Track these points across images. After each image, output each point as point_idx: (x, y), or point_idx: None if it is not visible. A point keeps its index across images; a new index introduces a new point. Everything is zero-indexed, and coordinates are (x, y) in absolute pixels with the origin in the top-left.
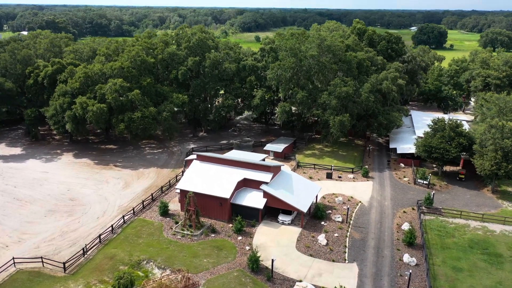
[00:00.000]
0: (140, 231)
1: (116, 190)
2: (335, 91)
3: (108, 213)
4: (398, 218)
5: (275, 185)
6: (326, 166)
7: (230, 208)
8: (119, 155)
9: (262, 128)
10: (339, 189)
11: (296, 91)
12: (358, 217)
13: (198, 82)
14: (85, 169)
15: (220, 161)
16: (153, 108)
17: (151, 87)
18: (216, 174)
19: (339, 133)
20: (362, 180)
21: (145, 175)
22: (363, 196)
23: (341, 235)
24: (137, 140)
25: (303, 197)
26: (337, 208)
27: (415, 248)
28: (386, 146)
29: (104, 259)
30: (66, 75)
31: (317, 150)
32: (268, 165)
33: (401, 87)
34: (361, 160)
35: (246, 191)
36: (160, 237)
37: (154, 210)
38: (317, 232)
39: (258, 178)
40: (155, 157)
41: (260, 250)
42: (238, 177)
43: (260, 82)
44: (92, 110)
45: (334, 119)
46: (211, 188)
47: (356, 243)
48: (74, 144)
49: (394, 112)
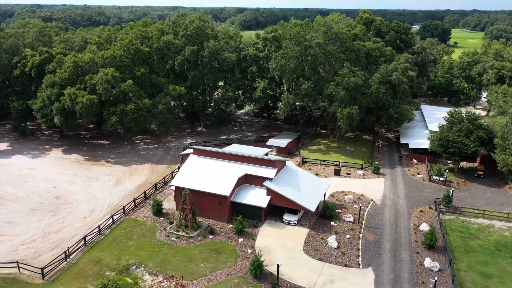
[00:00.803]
0: (130, 232)
1: (106, 187)
2: (343, 81)
3: (96, 212)
4: (415, 218)
5: (280, 181)
6: (334, 162)
7: (230, 206)
8: (112, 151)
9: (264, 123)
10: (348, 186)
11: (301, 82)
12: (370, 216)
13: (196, 73)
14: (74, 165)
15: (219, 155)
16: (148, 100)
17: (146, 78)
18: (214, 169)
19: (347, 127)
20: (373, 177)
21: (139, 172)
22: (374, 194)
23: (353, 236)
24: (131, 135)
25: (311, 194)
26: (347, 207)
27: (436, 251)
28: (396, 142)
29: (88, 264)
30: (55, 65)
31: (323, 146)
32: (272, 160)
33: (412, 79)
34: (370, 156)
35: (248, 188)
36: (153, 239)
37: (147, 209)
38: (327, 233)
39: (261, 174)
40: (150, 153)
41: (264, 253)
42: (238, 173)
43: (262, 73)
44: (81, 101)
45: (342, 111)
46: (209, 185)
47: (370, 246)
48: (64, 139)
49: (405, 105)
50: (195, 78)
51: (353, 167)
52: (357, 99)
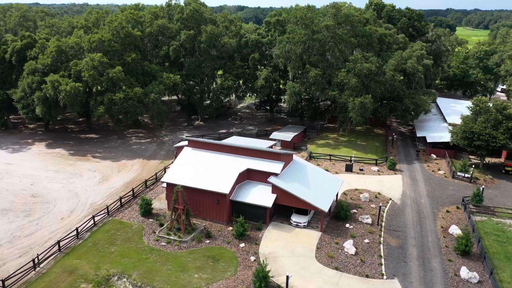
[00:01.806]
0: (113, 235)
1: (91, 184)
2: (354, 68)
3: (76, 212)
4: (442, 220)
5: (287, 177)
6: (345, 157)
7: (230, 206)
8: (100, 145)
9: (266, 116)
10: (362, 183)
11: (308, 69)
12: (390, 218)
13: (192, 60)
14: (56, 161)
15: (217, 147)
16: (139, 89)
17: (137, 65)
18: (212, 163)
19: (359, 118)
20: (389, 174)
21: (128, 168)
22: (392, 193)
23: (373, 241)
24: (123, 129)
25: (323, 192)
26: (363, 206)
27: (472, 258)
28: (410, 136)
29: (61, 274)
30: (37, 51)
31: (331, 140)
32: (277, 153)
33: (428, 67)
34: (384, 151)
35: (250, 185)
36: (139, 244)
37: (134, 209)
38: (342, 237)
39: (266, 168)
40: (142, 147)
41: (270, 261)
42: (239, 168)
43: (265, 60)
44: (65, 90)
45: (354, 101)
46: (205, 181)
47: (393, 252)
48: (49, 133)
49: (421, 95)
50: (191, 65)
51: (366, 162)
52: (370, 87)
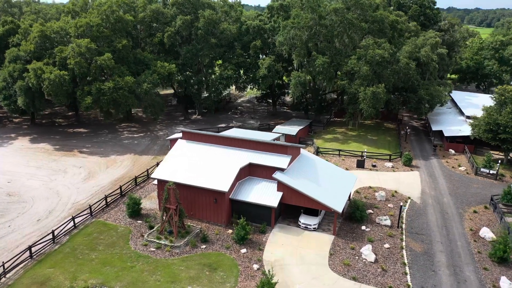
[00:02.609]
0: (95, 240)
1: (75, 182)
2: (366, 54)
3: (55, 213)
4: (469, 221)
5: (295, 173)
6: (355, 152)
7: (229, 206)
8: (89, 140)
9: (268, 110)
10: (376, 181)
11: (315, 56)
12: (411, 219)
13: (189, 48)
14: (39, 156)
15: (215, 140)
16: (130, 78)
17: (129, 52)
18: (209, 157)
19: (371, 110)
20: (405, 170)
21: (117, 164)
22: (411, 191)
23: (394, 246)
24: (113, 122)
25: (335, 190)
26: (379, 206)
27: (510, 266)
28: (423, 130)
29: (31, 286)
30: (20, 37)
31: (339, 134)
32: (284, 145)
33: (443, 57)
34: (397, 146)
35: (253, 182)
36: (124, 250)
37: (121, 210)
38: (358, 241)
39: (270, 163)
40: (134, 142)
41: (276, 270)
42: (240, 162)
43: (267, 49)
44: (48, 78)
45: (365, 90)
46: (202, 178)
47: (419, 259)
48: (35, 127)
49: (436, 86)
50: (188, 53)
51: (379, 158)
52: (383, 76)
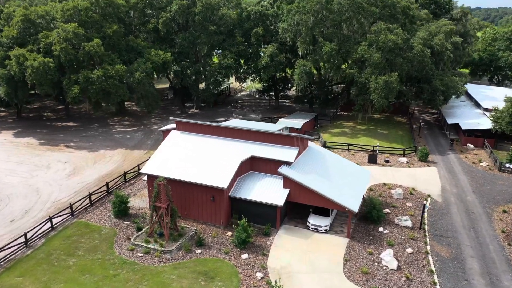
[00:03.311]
0: (75, 243)
1: (58, 178)
2: (377, 40)
3: (32, 212)
4: (499, 222)
5: (303, 167)
6: (366, 147)
7: (229, 205)
8: (77, 134)
9: (270, 104)
10: (390, 177)
11: (322, 43)
12: (434, 219)
13: (186, 35)
14: (22, 151)
15: (213, 130)
16: (121, 66)
17: (120, 39)
18: (206, 150)
19: (383, 101)
20: (421, 166)
21: (106, 159)
22: (430, 188)
23: (418, 250)
24: (105, 115)
25: (348, 187)
26: (396, 205)
27: None
28: (436, 124)
29: None
30: (3, 22)
31: (347, 128)
32: (290, 136)
33: (457, 46)
34: (410, 140)
35: (255, 178)
36: (108, 255)
37: (107, 209)
38: (377, 245)
39: (275, 156)
40: (126, 136)
41: (283, 279)
42: (241, 155)
43: (270, 37)
44: (31, 66)
45: (377, 79)
46: (197, 173)
47: (447, 266)
48: (21, 121)
49: (451, 76)
50: (184, 41)
51: (392, 153)
52: (396, 64)
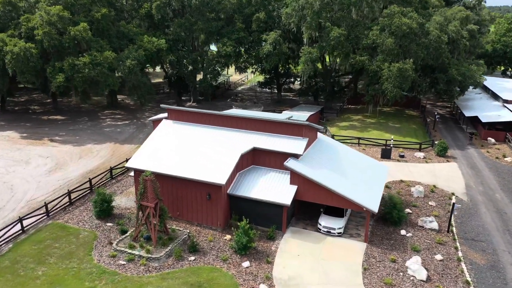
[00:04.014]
0: (47, 249)
1: (37, 174)
2: (390, 24)
3: (3, 212)
4: None
5: (312, 161)
6: (378, 141)
7: (227, 204)
8: (64, 127)
9: (272, 98)
10: (407, 173)
11: (329, 28)
12: (461, 220)
13: (182, 21)
14: (1, 145)
15: (210, 119)
16: (111, 53)
17: (109, 24)
18: (202, 141)
19: (397, 90)
20: (439, 161)
21: (93, 153)
22: (452, 185)
23: (449, 257)
24: (95, 108)
25: (364, 184)
26: (417, 204)
27: None
28: (450, 118)
29: None
30: None
31: (356, 122)
32: (298, 124)
33: (473, 33)
34: (425, 134)
35: (258, 173)
36: (85, 262)
37: (88, 209)
38: (400, 251)
39: (281, 147)
40: (117, 130)
41: None
42: (242, 147)
43: (273, 23)
44: (11, 51)
45: (390, 67)
46: (191, 167)
47: (485, 276)
48: (5, 114)
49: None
50: (180, 27)
51: (407, 147)
52: (410, 51)
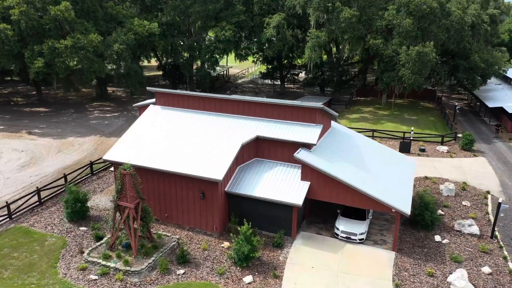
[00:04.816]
0: (4, 259)
1: (7, 169)
2: (408, 3)
3: None
4: None
5: (327, 152)
6: (394, 134)
7: (225, 204)
8: (46, 120)
9: (275, 90)
10: (431, 169)
11: (339, 8)
12: (503, 224)
13: (176, 4)
14: None
15: (205, 104)
16: (96, 36)
17: (96, 4)
18: (194, 130)
19: (415, 77)
20: (466, 156)
21: (75, 147)
22: (485, 183)
23: (498, 269)
24: (83, 99)
25: (391, 181)
26: (449, 204)
27: None
28: (469, 110)
29: None
30: None
31: (367, 114)
32: (311, 108)
33: (494, 19)
34: (445, 127)
35: (262, 167)
36: (47, 277)
37: (60, 209)
38: (436, 261)
39: (290, 136)
40: (104, 123)
41: None
42: (243, 136)
43: (276, 5)
44: None
45: (408, 51)
46: (181, 160)
47: None
48: None
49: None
50: (174, 10)
51: (428, 140)
52: (430, 33)
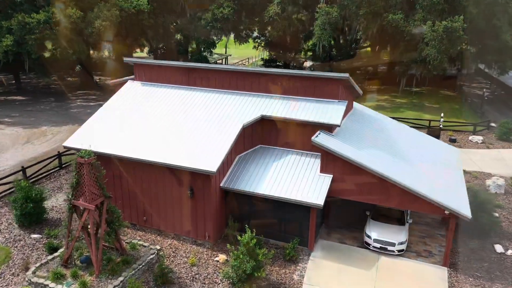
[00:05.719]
0: None
1: None
2: None
3: None
4: None
5: (354, 137)
6: (417, 121)
7: (221, 204)
8: (20, 109)
9: None
10: (468, 162)
11: None
12: None
13: None
14: None
15: (196, 78)
16: (74, 11)
17: None
18: (182, 110)
19: (441, 57)
20: (504, 146)
21: (47, 137)
22: None
23: None
24: (67, 88)
25: (437, 175)
26: (502, 204)
27: None
28: (496, 99)
29: None
30: None
31: (383, 102)
32: (333, 78)
33: None
34: (474, 114)
35: (268, 156)
36: None
37: (11, 211)
38: (505, 282)
39: (304, 115)
40: (86, 111)
41: None
42: (244, 116)
43: None
44: None
45: (433, 28)
46: (164, 148)
47: None
48: None
49: None
50: None
51: (457, 129)
52: (458, 7)
